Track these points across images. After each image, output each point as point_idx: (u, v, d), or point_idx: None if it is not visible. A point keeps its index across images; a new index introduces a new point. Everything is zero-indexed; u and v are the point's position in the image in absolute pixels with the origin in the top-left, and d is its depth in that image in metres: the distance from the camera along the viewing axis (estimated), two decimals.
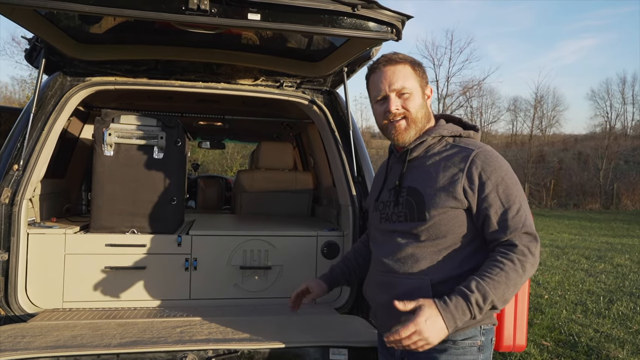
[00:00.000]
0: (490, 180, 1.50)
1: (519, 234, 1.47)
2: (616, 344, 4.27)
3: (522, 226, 1.47)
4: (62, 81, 2.69)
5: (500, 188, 1.50)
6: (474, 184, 1.51)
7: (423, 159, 1.62)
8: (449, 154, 1.59)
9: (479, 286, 1.40)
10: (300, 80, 2.92)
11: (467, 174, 1.51)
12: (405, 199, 1.60)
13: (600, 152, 29.30)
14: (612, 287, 6.58)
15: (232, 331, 2.15)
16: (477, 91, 35.07)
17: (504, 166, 1.54)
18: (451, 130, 1.64)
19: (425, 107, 1.66)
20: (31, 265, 2.52)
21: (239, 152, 22.34)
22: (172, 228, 2.80)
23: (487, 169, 1.51)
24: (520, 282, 1.44)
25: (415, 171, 1.62)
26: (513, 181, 1.53)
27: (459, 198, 1.51)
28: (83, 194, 3.94)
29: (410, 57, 1.67)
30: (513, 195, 1.51)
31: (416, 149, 1.63)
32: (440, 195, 1.53)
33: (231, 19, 1.91)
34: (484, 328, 1.57)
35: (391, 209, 1.65)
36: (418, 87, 1.63)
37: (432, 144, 1.63)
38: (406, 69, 1.62)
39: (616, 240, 11.57)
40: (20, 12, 2.06)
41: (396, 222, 1.63)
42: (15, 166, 2.48)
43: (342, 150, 2.89)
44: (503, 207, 1.49)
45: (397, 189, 1.64)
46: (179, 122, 2.86)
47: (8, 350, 1.86)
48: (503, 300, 1.43)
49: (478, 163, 1.52)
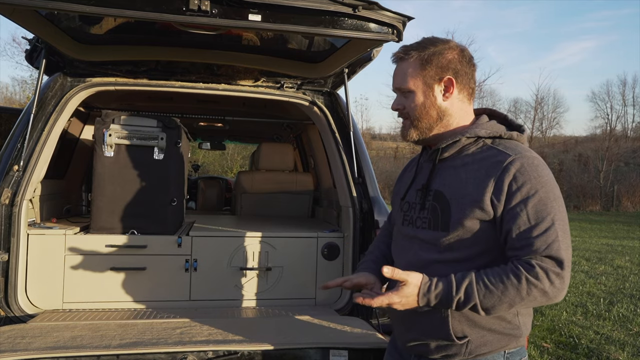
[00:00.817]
0: (521, 192, 1.32)
1: (540, 255, 1.28)
2: (616, 346, 4.26)
3: (545, 247, 1.27)
4: (62, 82, 2.69)
5: (531, 201, 1.31)
6: (502, 193, 1.33)
7: (455, 161, 1.47)
8: (483, 156, 1.42)
9: (468, 287, 1.29)
10: (301, 81, 2.92)
11: (496, 182, 1.34)
12: (431, 203, 1.47)
13: (600, 154, 29.28)
14: (613, 289, 6.57)
15: (232, 332, 2.14)
16: (477, 93, 35.11)
17: (543, 177, 1.35)
18: (490, 131, 1.46)
19: (433, 106, 1.48)
20: (31, 266, 2.52)
21: (239, 153, 22.34)
22: (172, 229, 2.79)
23: (520, 178, 1.33)
24: (521, 303, 1.29)
25: (445, 174, 1.47)
26: (550, 196, 1.33)
27: (486, 209, 1.35)
28: (83, 195, 3.95)
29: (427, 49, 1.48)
30: (545, 211, 1.30)
31: (448, 149, 1.47)
32: (466, 205, 1.38)
33: (232, 19, 1.91)
34: (509, 352, 1.42)
35: (416, 212, 1.52)
36: (420, 85, 1.47)
37: (467, 144, 1.46)
38: (411, 66, 1.48)
39: (616, 242, 11.56)
40: (20, 13, 2.06)
41: (420, 227, 1.50)
42: (15, 167, 2.48)
43: (343, 152, 2.89)
44: (529, 224, 1.30)
45: (424, 192, 1.50)
46: (179, 123, 2.86)
47: (8, 351, 1.86)
48: (490, 311, 1.31)
49: (512, 171, 1.34)
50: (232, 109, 4.06)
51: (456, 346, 1.40)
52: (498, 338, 1.40)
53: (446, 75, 1.46)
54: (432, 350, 1.45)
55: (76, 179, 3.77)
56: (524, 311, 1.44)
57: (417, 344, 1.48)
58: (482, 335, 1.39)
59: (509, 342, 1.41)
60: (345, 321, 2.41)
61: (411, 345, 1.50)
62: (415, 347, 1.49)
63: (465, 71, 1.48)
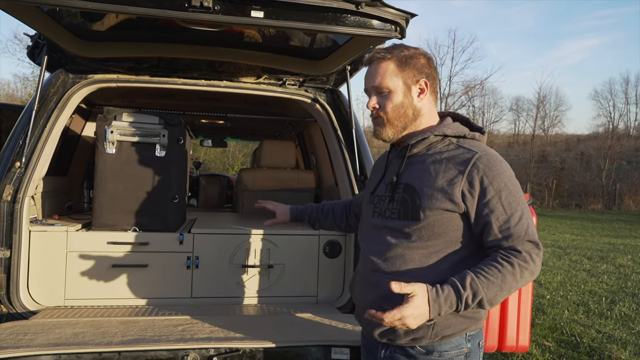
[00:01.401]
0: (492, 186, 1.45)
1: (522, 241, 1.43)
2: (618, 345, 4.26)
3: (524, 234, 1.44)
4: (64, 78, 2.69)
5: (503, 194, 1.45)
6: (474, 188, 1.46)
7: (423, 157, 1.57)
8: (451, 154, 1.53)
9: (472, 284, 1.37)
10: (303, 78, 2.91)
11: (467, 178, 1.47)
12: (400, 195, 1.57)
13: (602, 153, 29.24)
14: (615, 287, 6.56)
15: (234, 330, 2.14)
16: (479, 90, 35.05)
17: (507, 172, 1.50)
18: (456, 131, 1.58)
19: (409, 106, 1.58)
20: (33, 262, 2.52)
21: (241, 150, 22.36)
22: (173, 226, 2.79)
23: (490, 174, 1.46)
24: (515, 288, 1.42)
25: (414, 168, 1.58)
26: (516, 188, 1.49)
27: (456, 201, 1.47)
28: (85, 192, 3.95)
29: (402, 52, 1.58)
30: (515, 202, 1.46)
31: (417, 146, 1.58)
32: (436, 195, 1.48)
33: (234, 16, 1.90)
34: (470, 334, 1.54)
35: (385, 204, 1.61)
36: (400, 85, 1.56)
37: (434, 142, 1.58)
38: (389, 66, 1.56)
39: (618, 241, 11.55)
40: (22, 9, 2.05)
41: (389, 218, 1.59)
42: (17, 163, 2.47)
43: (345, 149, 2.88)
44: (505, 214, 1.44)
45: (393, 185, 1.60)
46: (181, 120, 2.86)
47: (10, 347, 1.86)
48: (492, 302, 1.41)
49: (480, 167, 1.47)
50: (234, 106, 4.05)
51: (423, 329, 1.48)
52: (460, 320, 1.50)
53: (422, 77, 1.58)
54: (400, 335, 1.52)
55: (78, 176, 3.77)
56: None
57: (385, 330, 1.54)
58: (446, 318, 1.48)
59: (469, 325, 1.53)
60: (347, 319, 2.40)
61: (379, 331, 1.56)
62: (383, 333, 1.56)
63: (434, 76, 1.62)
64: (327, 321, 2.36)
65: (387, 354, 1.58)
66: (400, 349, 1.55)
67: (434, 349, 1.50)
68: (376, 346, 1.63)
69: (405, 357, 1.54)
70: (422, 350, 1.52)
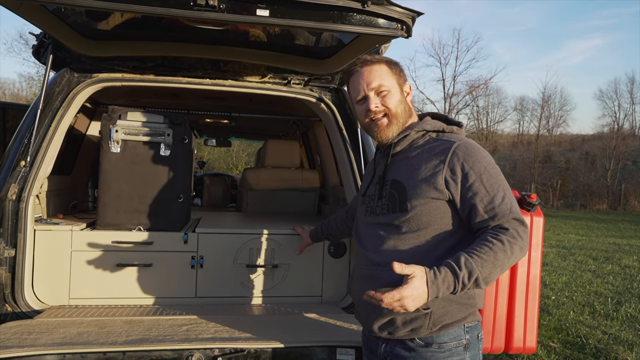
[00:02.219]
0: (473, 170, 1.52)
1: (507, 219, 1.48)
2: (625, 346, 4.23)
3: (509, 212, 1.49)
4: (69, 77, 2.69)
5: (484, 177, 1.52)
6: (456, 174, 1.53)
7: (406, 153, 1.66)
8: (431, 146, 1.61)
9: (467, 263, 1.41)
10: (308, 77, 2.90)
11: (448, 165, 1.54)
12: (388, 191, 1.64)
13: (607, 153, 29.09)
14: (620, 288, 6.52)
15: (239, 330, 2.14)
16: (483, 90, 34.89)
17: (486, 157, 1.57)
18: (434, 125, 1.67)
19: (405, 103, 1.70)
20: (38, 261, 2.52)
21: (245, 150, 22.38)
22: (178, 226, 2.79)
23: (469, 160, 1.53)
24: (507, 264, 1.46)
25: (399, 164, 1.66)
26: (496, 171, 1.56)
27: (439, 189, 1.53)
28: (89, 191, 3.95)
29: (386, 57, 1.73)
30: (497, 183, 1.53)
31: (399, 143, 1.67)
32: (421, 186, 1.55)
33: (240, 15, 1.89)
34: (468, 326, 1.57)
35: (375, 202, 1.69)
36: (396, 85, 1.68)
37: (416, 138, 1.66)
38: (382, 68, 1.67)
39: (624, 242, 11.48)
40: (27, 8, 2.05)
41: (379, 214, 1.65)
42: (22, 162, 2.47)
43: (350, 148, 2.87)
44: (489, 195, 1.50)
45: (381, 183, 1.68)
46: (185, 119, 2.85)
47: (15, 346, 1.86)
48: (487, 280, 1.44)
49: (460, 154, 1.54)
50: (238, 106, 4.04)
51: (420, 318, 1.53)
52: (457, 308, 1.55)
53: (406, 79, 1.73)
54: (399, 326, 1.56)
55: (82, 175, 3.77)
56: None
57: (385, 322, 1.58)
58: (442, 307, 1.53)
59: (466, 314, 1.56)
60: (352, 319, 2.39)
61: (379, 324, 1.59)
62: (383, 326, 1.59)
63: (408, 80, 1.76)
64: (332, 321, 2.35)
65: (387, 349, 1.61)
66: (400, 343, 1.58)
67: (433, 341, 1.53)
68: (376, 342, 1.66)
69: (404, 350, 1.57)
70: (421, 343, 1.54)
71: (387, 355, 1.62)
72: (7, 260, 2.39)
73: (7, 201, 2.40)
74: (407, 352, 1.56)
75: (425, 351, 1.53)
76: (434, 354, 1.53)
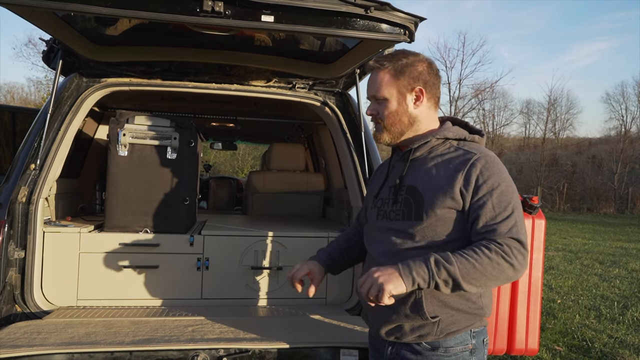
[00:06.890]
0: (486, 184, 1.51)
1: (503, 237, 1.45)
2: (631, 350, 4.21)
3: (507, 231, 1.46)
4: (78, 82, 2.73)
5: (495, 193, 1.50)
6: (469, 185, 1.51)
7: (425, 159, 1.63)
8: (451, 156, 1.59)
9: (444, 255, 1.42)
10: (313, 81, 2.93)
11: (465, 176, 1.52)
12: (404, 197, 1.62)
13: (614, 156, 28.88)
14: (627, 292, 6.48)
15: (244, 331, 2.16)
16: (489, 94, 34.76)
17: (502, 173, 1.55)
18: (456, 133, 1.64)
19: (404, 113, 1.63)
20: (47, 263, 2.56)
21: (250, 153, 22.45)
22: (184, 228, 2.82)
23: (485, 173, 1.52)
24: (493, 274, 1.41)
25: (417, 171, 1.63)
26: (510, 189, 1.53)
27: (456, 199, 1.52)
28: (97, 194, 3.99)
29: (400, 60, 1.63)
30: (506, 202, 1.50)
31: (419, 149, 1.64)
32: (438, 196, 1.53)
33: (245, 20, 1.93)
34: (474, 331, 1.57)
35: (389, 206, 1.66)
36: (395, 94, 1.62)
37: (436, 145, 1.64)
38: (384, 77, 1.63)
39: (631, 245, 11.40)
40: (38, 15, 2.10)
41: (393, 219, 1.63)
42: (32, 166, 2.52)
43: (354, 152, 2.89)
44: (493, 212, 1.48)
45: (397, 187, 1.66)
46: (192, 123, 2.89)
47: (25, 346, 1.89)
48: (467, 280, 1.40)
49: (478, 166, 1.53)
50: (244, 109, 4.08)
51: (429, 325, 1.53)
52: (465, 317, 1.55)
53: (417, 85, 1.62)
54: (406, 332, 1.57)
55: (90, 178, 3.82)
56: (487, 294, 1.60)
57: (392, 328, 1.59)
58: (451, 315, 1.53)
59: (474, 322, 1.56)
60: (356, 321, 2.41)
61: (386, 330, 1.61)
62: (391, 331, 1.60)
63: (433, 82, 1.65)
64: (336, 323, 2.37)
65: (394, 351, 1.62)
66: (407, 346, 1.58)
67: (440, 345, 1.54)
68: (383, 345, 1.66)
69: (411, 353, 1.57)
70: (427, 347, 1.55)
71: (393, 357, 1.62)
72: (17, 262, 2.43)
73: (17, 203, 2.44)
74: (414, 355, 1.56)
75: (431, 355, 1.54)
76: (441, 358, 1.54)
